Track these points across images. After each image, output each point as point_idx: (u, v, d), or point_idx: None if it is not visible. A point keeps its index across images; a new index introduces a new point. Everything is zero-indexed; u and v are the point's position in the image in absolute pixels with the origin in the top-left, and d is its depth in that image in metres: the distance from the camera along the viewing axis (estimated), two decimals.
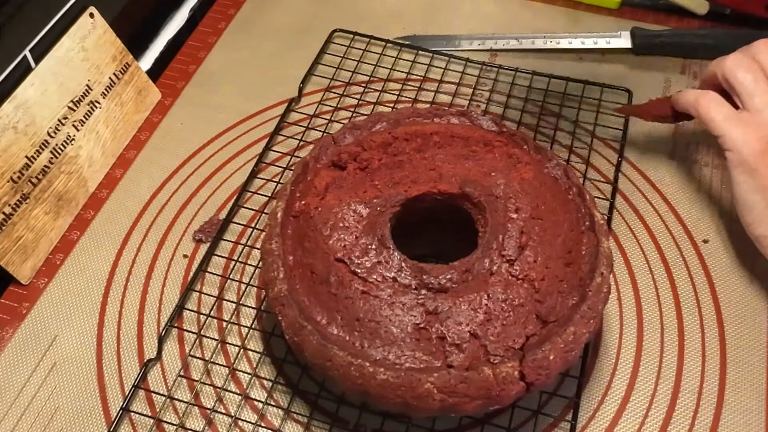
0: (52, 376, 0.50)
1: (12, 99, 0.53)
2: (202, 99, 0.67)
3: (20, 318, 0.53)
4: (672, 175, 0.61)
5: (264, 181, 0.60)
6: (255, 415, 0.48)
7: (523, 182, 0.48)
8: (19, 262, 0.54)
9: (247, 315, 0.53)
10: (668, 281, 0.54)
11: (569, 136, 0.63)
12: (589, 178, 0.60)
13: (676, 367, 0.50)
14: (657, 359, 0.50)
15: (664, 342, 0.51)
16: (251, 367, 0.50)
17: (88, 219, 0.58)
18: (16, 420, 0.48)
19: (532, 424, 0.47)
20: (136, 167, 0.62)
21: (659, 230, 0.57)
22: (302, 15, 0.73)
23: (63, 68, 0.57)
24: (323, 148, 0.50)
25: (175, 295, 0.54)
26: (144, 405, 0.49)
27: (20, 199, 0.54)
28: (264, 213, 0.58)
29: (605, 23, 0.72)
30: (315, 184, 0.48)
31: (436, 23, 0.72)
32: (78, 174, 0.59)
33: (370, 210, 0.47)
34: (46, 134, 0.56)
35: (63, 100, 0.57)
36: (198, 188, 0.60)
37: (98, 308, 0.53)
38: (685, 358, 0.50)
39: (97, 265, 0.56)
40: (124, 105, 0.63)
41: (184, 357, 0.51)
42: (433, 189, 0.48)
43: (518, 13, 0.74)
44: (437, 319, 0.42)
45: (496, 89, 0.66)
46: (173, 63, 0.70)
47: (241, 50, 0.71)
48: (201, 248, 0.57)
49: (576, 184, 0.48)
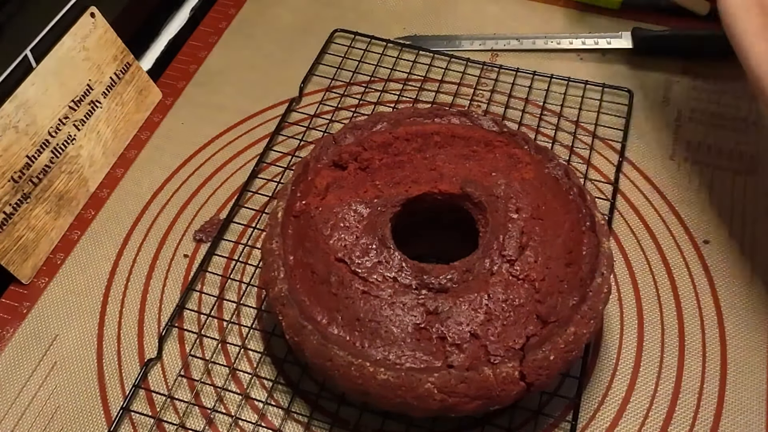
0: (52, 376, 0.50)
1: (13, 98, 0.53)
2: (202, 99, 0.67)
3: (21, 317, 0.53)
4: (673, 175, 0.61)
5: (265, 181, 0.60)
6: (255, 415, 0.48)
7: (524, 182, 0.48)
8: (20, 261, 0.54)
9: (247, 315, 0.53)
10: (669, 282, 0.54)
11: (570, 136, 0.63)
12: (589, 179, 0.60)
13: (677, 368, 0.50)
14: (657, 359, 0.50)
15: (664, 342, 0.51)
16: (252, 366, 0.50)
17: (89, 219, 0.58)
18: (17, 419, 0.48)
19: (532, 424, 0.47)
20: (136, 167, 0.62)
21: (660, 231, 0.57)
22: (303, 15, 0.73)
23: (64, 68, 0.57)
24: (324, 148, 0.50)
25: (175, 294, 0.54)
26: (144, 405, 0.49)
27: (21, 198, 0.54)
28: (264, 213, 0.58)
29: (606, 23, 0.73)
30: (316, 184, 0.48)
31: (437, 23, 0.72)
32: (79, 173, 0.59)
33: (370, 210, 0.47)
34: (46, 134, 0.56)
35: (64, 100, 0.57)
36: (199, 188, 0.60)
37: (99, 308, 0.53)
38: (686, 359, 0.50)
39: (98, 264, 0.56)
40: (125, 105, 0.63)
41: (184, 357, 0.51)
42: (433, 189, 0.48)
43: (519, 13, 0.74)
44: (438, 319, 0.42)
45: (497, 89, 0.66)
46: (174, 63, 0.70)
47: (242, 50, 0.71)
48: (202, 248, 0.57)
49: (577, 185, 0.48)
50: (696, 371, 0.50)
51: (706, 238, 0.57)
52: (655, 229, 0.57)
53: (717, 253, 0.56)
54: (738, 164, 0.61)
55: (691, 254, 0.56)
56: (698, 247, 0.56)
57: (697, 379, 0.49)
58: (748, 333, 0.51)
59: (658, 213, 0.58)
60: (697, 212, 0.58)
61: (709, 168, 0.61)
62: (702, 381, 0.49)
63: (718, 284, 0.54)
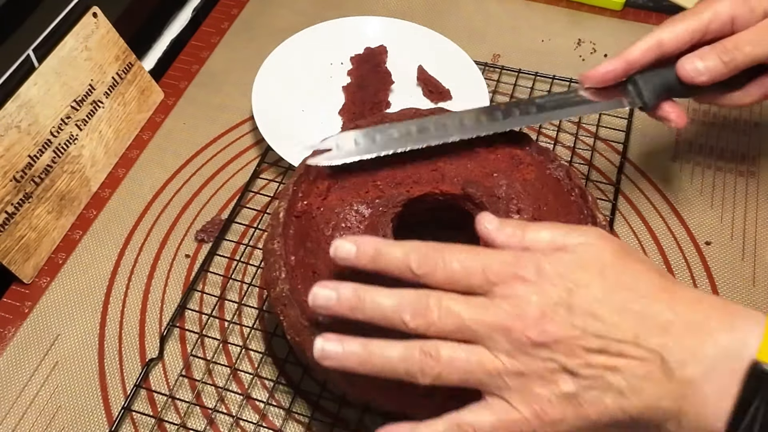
0: (54, 375, 0.50)
1: (15, 98, 0.53)
2: (204, 99, 0.67)
3: (22, 317, 0.53)
4: (674, 176, 0.61)
5: (266, 181, 0.60)
6: (256, 415, 0.48)
7: (525, 183, 0.48)
8: (22, 261, 0.54)
9: (248, 315, 0.53)
10: None
11: (572, 137, 0.63)
12: (591, 180, 0.60)
13: None
14: None
15: None
16: (253, 367, 0.50)
17: (91, 218, 0.58)
18: (19, 418, 0.48)
19: None
20: (138, 167, 0.62)
21: (661, 232, 0.57)
22: (304, 15, 0.73)
23: (66, 68, 0.57)
24: None
25: (177, 294, 0.54)
26: (146, 404, 0.49)
27: (23, 198, 0.54)
28: (266, 213, 0.58)
29: (608, 25, 0.72)
30: (317, 185, 0.48)
31: (439, 23, 0.72)
32: (81, 173, 0.59)
33: (372, 210, 0.47)
34: (48, 133, 0.56)
35: (66, 100, 0.57)
36: (200, 188, 0.60)
37: (100, 307, 0.53)
38: None
39: (100, 264, 0.56)
40: (127, 105, 0.63)
41: (185, 357, 0.51)
42: (435, 189, 0.48)
43: (521, 14, 0.74)
44: None
45: (499, 90, 0.66)
46: (176, 63, 0.70)
47: (244, 50, 0.71)
48: (203, 248, 0.57)
49: (578, 186, 0.48)
50: None
51: (707, 239, 0.57)
52: (656, 230, 0.57)
53: (718, 254, 0.56)
54: (740, 165, 0.61)
55: (693, 255, 0.56)
56: (700, 248, 0.56)
57: None
58: None
59: (660, 214, 0.58)
60: (698, 213, 0.58)
61: (710, 169, 0.61)
62: None
63: (719, 285, 0.54)
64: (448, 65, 0.66)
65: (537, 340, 0.35)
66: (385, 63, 0.66)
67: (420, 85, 0.66)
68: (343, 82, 0.66)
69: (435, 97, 0.64)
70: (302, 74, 0.66)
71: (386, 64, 0.66)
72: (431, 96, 0.64)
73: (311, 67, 0.67)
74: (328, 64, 0.67)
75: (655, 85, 0.48)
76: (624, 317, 0.35)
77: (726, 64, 0.46)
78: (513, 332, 0.35)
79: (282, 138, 0.60)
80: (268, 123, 0.61)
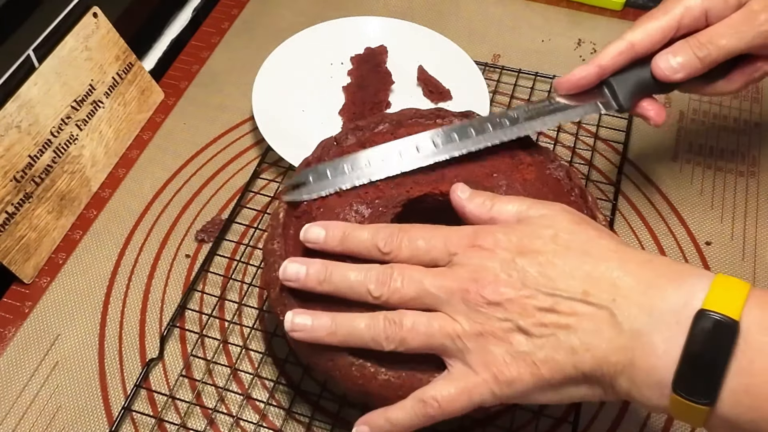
0: (54, 375, 0.50)
1: (15, 98, 0.53)
2: (205, 99, 0.67)
3: (23, 317, 0.53)
4: (675, 176, 0.61)
5: (266, 182, 0.60)
6: (257, 415, 0.48)
7: (525, 183, 0.48)
8: (22, 261, 0.54)
9: (249, 315, 0.53)
10: None
11: (572, 137, 0.63)
12: (591, 180, 0.60)
13: None
14: None
15: None
16: (253, 367, 0.50)
17: (91, 218, 0.58)
18: (19, 418, 0.48)
19: (533, 425, 0.47)
20: (138, 167, 0.62)
21: (662, 232, 0.57)
22: (304, 15, 0.73)
23: (66, 68, 0.57)
24: (326, 149, 0.50)
25: (177, 294, 0.54)
26: (146, 404, 0.49)
27: (23, 198, 0.54)
28: (266, 213, 0.58)
29: (608, 25, 0.72)
30: None
31: (439, 23, 0.72)
32: (81, 173, 0.59)
33: (371, 210, 0.47)
34: (49, 134, 0.56)
35: (66, 100, 0.57)
36: (201, 188, 0.60)
37: (100, 307, 0.53)
38: None
39: (100, 264, 0.56)
40: (127, 105, 0.63)
41: (186, 357, 0.51)
42: (434, 190, 0.48)
43: (521, 14, 0.74)
44: None
45: (499, 90, 0.66)
46: (176, 63, 0.70)
47: (244, 50, 0.71)
48: (203, 248, 0.57)
49: (578, 186, 0.48)
50: None
51: (708, 240, 0.57)
52: (656, 230, 0.57)
53: (719, 254, 0.56)
54: (740, 165, 0.61)
55: (693, 255, 0.56)
56: (700, 248, 0.56)
57: None
58: None
59: (660, 214, 0.58)
60: (699, 213, 0.58)
61: (711, 169, 0.61)
62: None
63: None
64: (449, 65, 0.66)
65: (491, 299, 0.37)
66: (385, 63, 0.66)
67: (420, 85, 0.66)
68: (344, 82, 0.66)
69: (435, 97, 0.64)
70: (302, 74, 0.66)
71: (386, 64, 0.66)
72: (431, 96, 0.64)
73: (311, 67, 0.67)
74: (328, 64, 0.67)
75: (630, 85, 0.47)
76: (575, 276, 0.36)
77: (701, 59, 0.46)
78: (469, 293, 0.37)
79: (282, 138, 0.60)
80: (268, 123, 0.61)
